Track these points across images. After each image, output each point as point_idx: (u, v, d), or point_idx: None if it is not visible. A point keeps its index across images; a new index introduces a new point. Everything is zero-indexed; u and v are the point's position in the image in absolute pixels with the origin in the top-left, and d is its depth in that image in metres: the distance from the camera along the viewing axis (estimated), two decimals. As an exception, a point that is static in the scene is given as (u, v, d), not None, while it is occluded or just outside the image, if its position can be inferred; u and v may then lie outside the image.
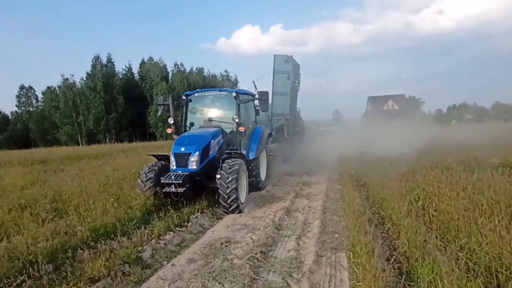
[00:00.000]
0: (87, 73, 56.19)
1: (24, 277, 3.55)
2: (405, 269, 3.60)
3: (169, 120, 7.78)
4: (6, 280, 3.51)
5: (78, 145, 51.26)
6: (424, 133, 19.73)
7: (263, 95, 8.09)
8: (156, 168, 6.71)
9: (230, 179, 6.05)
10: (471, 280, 2.90)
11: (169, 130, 7.92)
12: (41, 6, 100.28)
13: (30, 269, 3.66)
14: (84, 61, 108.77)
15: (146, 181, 6.49)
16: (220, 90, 8.20)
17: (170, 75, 62.96)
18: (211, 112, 8.21)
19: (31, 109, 65.30)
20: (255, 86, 12.29)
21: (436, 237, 3.96)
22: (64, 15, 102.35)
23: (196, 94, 8.27)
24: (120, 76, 59.18)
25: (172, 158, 6.61)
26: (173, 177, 6.24)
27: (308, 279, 3.58)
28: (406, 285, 3.24)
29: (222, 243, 4.80)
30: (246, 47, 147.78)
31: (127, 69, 61.63)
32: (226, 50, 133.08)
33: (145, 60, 63.70)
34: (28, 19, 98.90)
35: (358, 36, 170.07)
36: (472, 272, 3.11)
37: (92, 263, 3.79)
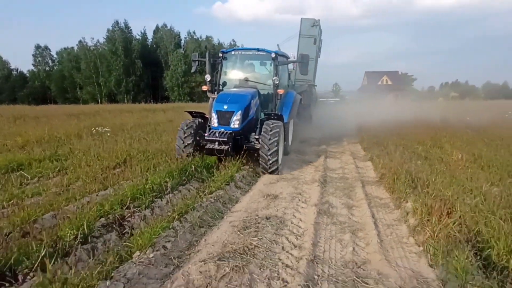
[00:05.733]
0: (107, 37, 60.33)
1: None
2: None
3: (206, 77, 7.54)
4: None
5: (98, 103, 56.53)
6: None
7: (304, 58, 8.02)
8: (192, 130, 6.57)
9: (271, 141, 6.20)
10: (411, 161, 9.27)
11: (204, 88, 7.63)
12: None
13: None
14: (84, 22, 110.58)
15: (184, 148, 6.45)
16: (258, 50, 7.87)
17: (182, 42, 67.18)
18: (247, 72, 8.00)
19: (47, 68, 69.56)
20: (279, 50, 11.12)
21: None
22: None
23: (232, 52, 8.01)
24: (134, 42, 63.33)
25: (214, 115, 6.53)
26: (217, 134, 6.25)
27: (354, 165, 9.61)
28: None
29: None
30: (242, 13, 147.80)
31: (142, 35, 65.70)
32: (222, 15, 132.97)
33: (159, 27, 67.48)
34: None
35: (357, 7, 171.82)
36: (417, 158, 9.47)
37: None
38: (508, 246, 3.15)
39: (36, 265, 2.77)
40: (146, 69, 61.77)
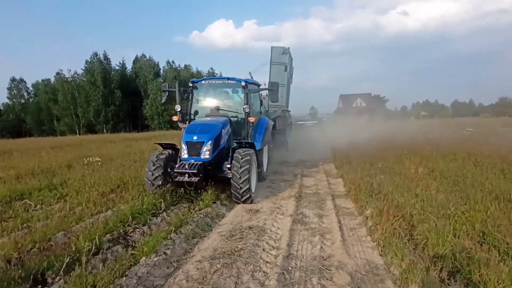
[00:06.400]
0: (85, 68, 60.78)
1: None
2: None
3: (176, 107, 7.53)
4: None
5: (76, 134, 56.03)
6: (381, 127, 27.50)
7: (274, 86, 8.07)
8: (162, 162, 6.40)
9: (242, 169, 6.09)
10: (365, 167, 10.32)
11: (175, 118, 7.62)
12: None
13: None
14: (63, 55, 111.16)
15: (154, 180, 6.27)
16: (228, 79, 7.92)
17: (161, 71, 68.46)
18: (218, 100, 8.05)
19: (22, 101, 68.79)
20: (251, 77, 11.49)
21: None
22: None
23: (202, 82, 7.99)
24: (113, 72, 63.97)
25: (184, 147, 6.40)
26: (187, 166, 6.11)
27: (327, 182, 10.68)
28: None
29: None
30: (219, 41, 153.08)
31: (121, 65, 66.51)
32: (200, 43, 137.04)
33: (138, 57, 68.69)
34: (15, 13, 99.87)
35: (330, 33, 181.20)
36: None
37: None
38: (440, 236, 4.03)
39: (61, 270, 3.40)
40: (125, 98, 62.22)
